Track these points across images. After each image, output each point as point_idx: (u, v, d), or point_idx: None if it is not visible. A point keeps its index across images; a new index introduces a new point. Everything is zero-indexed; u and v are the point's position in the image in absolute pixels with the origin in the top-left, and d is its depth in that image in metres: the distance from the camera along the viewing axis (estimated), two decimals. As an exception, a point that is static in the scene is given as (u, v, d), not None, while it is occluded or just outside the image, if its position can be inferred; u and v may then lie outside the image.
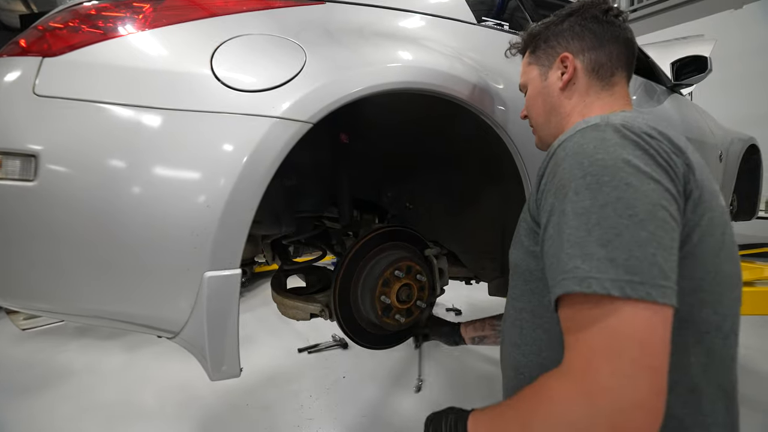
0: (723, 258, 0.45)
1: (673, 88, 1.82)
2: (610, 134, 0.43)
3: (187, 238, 0.58)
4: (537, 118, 0.69)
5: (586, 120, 0.48)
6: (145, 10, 0.68)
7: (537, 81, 0.68)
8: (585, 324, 0.39)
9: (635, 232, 0.38)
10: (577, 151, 0.44)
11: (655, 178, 0.40)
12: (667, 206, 0.40)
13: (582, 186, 0.41)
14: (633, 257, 0.37)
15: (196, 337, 0.61)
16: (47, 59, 0.60)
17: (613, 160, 0.41)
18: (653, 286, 0.37)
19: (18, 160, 0.58)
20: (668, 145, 0.44)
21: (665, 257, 0.38)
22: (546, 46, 0.67)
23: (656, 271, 0.37)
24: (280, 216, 0.95)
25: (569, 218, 0.41)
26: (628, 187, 0.39)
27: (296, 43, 0.70)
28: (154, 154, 0.59)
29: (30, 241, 0.59)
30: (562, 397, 0.39)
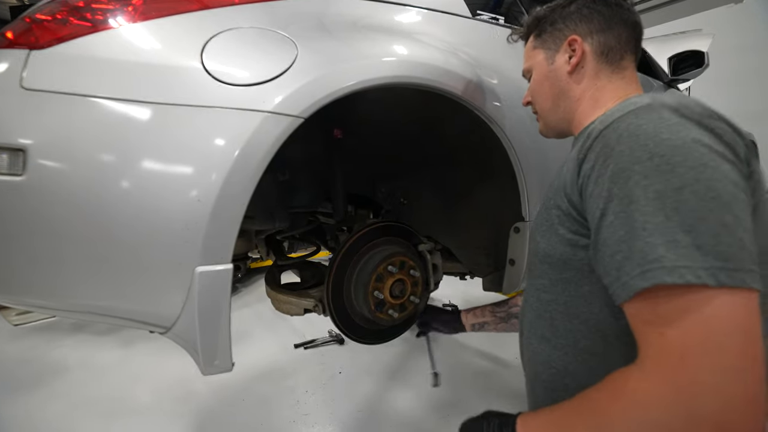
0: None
1: (670, 84, 1.82)
2: (668, 114, 0.40)
3: (179, 232, 0.58)
4: (543, 103, 0.66)
5: (633, 101, 0.44)
6: (135, 2, 0.67)
7: (543, 65, 0.66)
8: (673, 317, 0.36)
9: (720, 216, 0.35)
10: (635, 132, 0.40)
11: (729, 158, 0.38)
12: (745, 187, 0.38)
13: (651, 168, 0.38)
14: (722, 243, 0.35)
15: (187, 332, 0.61)
16: (34, 52, 0.59)
17: (682, 140, 0.38)
18: (746, 271, 0.35)
19: (5, 154, 0.57)
20: (728, 126, 0.41)
21: (751, 240, 0.36)
22: (552, 29, 0.64)
23: (746, 255, 0.35)
24: (274, 211, 0.95)
25: (640, 204, 0.38)
26: (706, 168, 0.36)
27: (288, 37, 0.69)
28: (144, 148, 0.58)
29: (19, 236, 0.58)
30: (649, 397, 0.36)
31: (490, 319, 0.98)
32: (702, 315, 0.34)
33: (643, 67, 1.72)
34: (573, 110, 0.63)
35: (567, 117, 0.64)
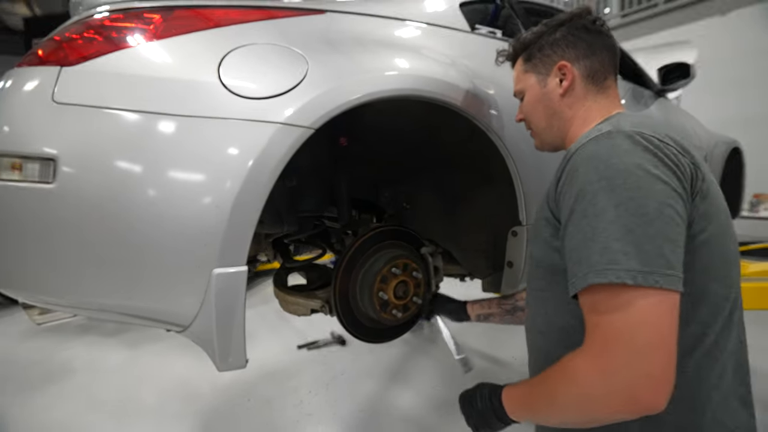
0: (727, 239, 0.52)
1: (660, 93, 1.89)
2: (621, 140, 0.49)
3: (197, 237, 0.62)
4: (538, 123, 0.72)
5: (599, 128, 0.54)
6: (155, 21, 0.72)
7: (536, 88, 0.71)
8: (603, 310, 0.44)
9: (645, 229, 0.43)
10: (592, 156, 0.49)
11: (664, 179, 0.46)
12: (674, 205, 0.45)
13: (599, 188, 0.47)
14: (643, 251, 0.43)
15: (204, 331, 0.65)
16: (65, 68, 0.63)
17: (625, 164, 0.46)
18: (661, 275, 0.42)
19: (37, 163, 0.61)
20: (675, 147, 0.49)
21: (671, 249, 0.44)
22: (541, 54, 0.70)
23: (663, 261, 0.43)
24: (283, 215, 0.99)
25: (589, 218, 0.47)
26: (639, 189, 0.45)
27: (299, 53, 0.74)
28: (166, 157, 0.63)
29: (49, 239, 0.62)
30: (582, 373, 0.45)
31: (497, 310, 1.01)
32: (622, 309, 0.43)
33: (634, 78, 1.79)
34: (566, 128, 0.69)
35: (560, 135, 0.70)
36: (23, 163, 0.62)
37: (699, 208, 0.49)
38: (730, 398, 0.52)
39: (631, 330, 0.42)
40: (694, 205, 0.48)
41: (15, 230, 0.63)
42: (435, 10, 1.07)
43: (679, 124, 1.95)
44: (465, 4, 1.16)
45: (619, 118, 0.57)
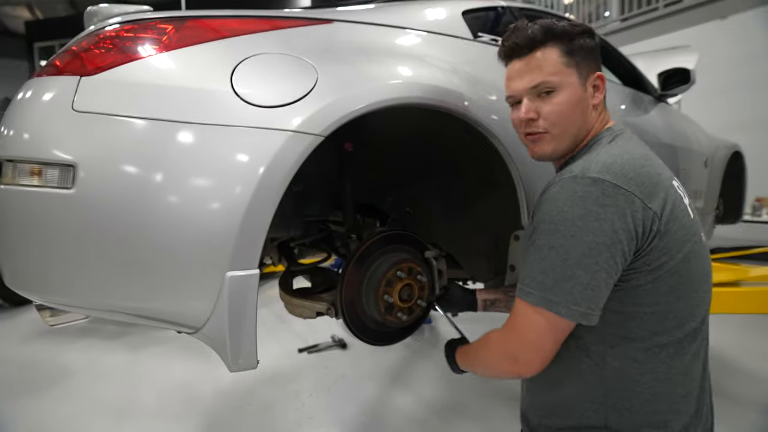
0: (693, 262, 0.61)
1: (660, 98, 1.91)
2: (580, 187, 0.57)
3: (211, 241, 0.64)
4: (569, 128, 0.66)
5: (570, 168, 0.61)
6: (169, 32, 0.74)
7: (576, 89, 0.66)
8: (518, 311, 0.63)
9: (563, 272, 0.57)
10: (553, 199, 0.60)
11: (596, 232, 0.56)
12: (597, 256, 0.56)
13: (546, 230, 0.59)
14: (557, 286, 0.58)
15: (217, 333, 0.67)
16: (84, 78, 0.66)
17: (571, 214, 0.57)
18: (563, 306, 0.57)
19: (57, 169, 0.63)
20: (635, 194, 0.56)
21: (582, 291, 0.57)
22: (584, 53, 0.66)
23: (569, 298, 0.57)
24: (289, 220, 1.01)
25: (534, 248, 0.61)
26: (573, 239, 0.57)
27: (309, 62, 0.76)
28: (181, 164, 0.65)
29: (66, 243, 0.64)
30: (493, 342, 0.69)
31: (503, 296, 1.03)
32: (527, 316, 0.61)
33: (634, 83, 1.81)
34: (584, 138, 0.69)
35: (579, 142, 0.68)
36: (43, 168, 0.64)
37: (657, 247, 0.58)
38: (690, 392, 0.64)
39: (525, 331, 0.61)
40: (651, 245, 0.57)
41: (34, 234, 0.65)
42: (438, 19, 1.10)
43: (680, 129, 1.97)
44: (467, 12, 1.19)
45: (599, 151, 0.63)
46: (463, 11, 1.17)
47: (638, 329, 0.61)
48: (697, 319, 0.63)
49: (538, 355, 0.61)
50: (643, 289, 0.59)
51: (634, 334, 0.62)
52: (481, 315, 1.08)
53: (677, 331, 0.61)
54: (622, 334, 0.62)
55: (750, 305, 1.79)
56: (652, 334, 0.61)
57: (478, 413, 1.79)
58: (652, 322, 0.61)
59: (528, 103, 0.67)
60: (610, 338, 0.62)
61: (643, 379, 0.62)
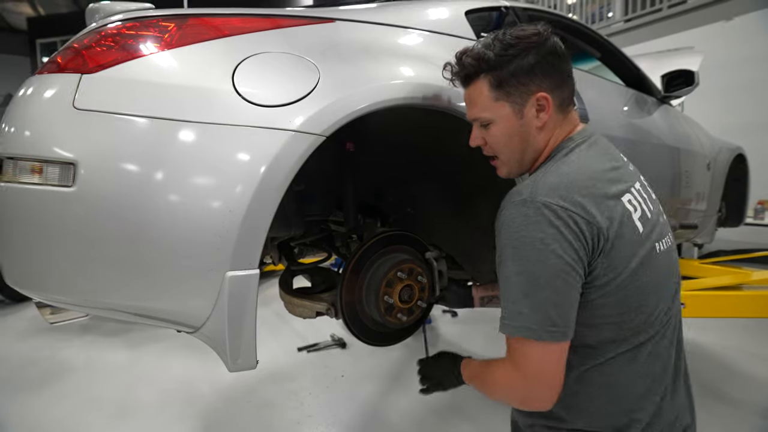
0: (642, 275, 0.62)
1: (663, 100, 1.90)
2: (532, 212, 0.59)
3: (211, 240, 0.64)
4: (512, 155, 0.70)
5: (519, 190, 0.62)
6: (171, 29, 0.74)
7: (512, 119, 0.67)
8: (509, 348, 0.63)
9: (536, 295, 0.58)
10: (508, 224, 0.61)
11: (559, 253, 0.57)
12: (564, 276, 0.57)
13: (509, 255, 0.60)
14: (532, 313, 0.58)
15: (216, 332, 0.67)
16: (85, 76, 0.66)
17: (530, 238, 0.58)
18: (544, 332, 0.58)
19: (57, 167, 0.63)
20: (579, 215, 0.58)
21: (557, 311, 0.58)
22: (516, 81, 0.65)
23: (548, 321, 0.58)
24: (290, 219, 1.01)
25: (501, 279, 0.62)
26: (537, 262, 0.58)
27: (310, 61, 0.76)
28: (182, 162, 0.64)
29: (67, 241, 0.64)
30: (501, 380, 0.66)
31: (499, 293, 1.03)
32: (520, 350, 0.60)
33: (637, 85, 1.80)
34: (536, 158, 0.70)
35: (529, 164, 0.71)
36: (44, 166, 0.64)
37: (602, 264, 0.60)
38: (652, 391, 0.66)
39: (523, 367, 0.60)
40: (598, 262, 0.59)
41: (35, 232, 0.65)
42: (441, 19, 1.09)
43: (682, 131, 1.96)
44: (471, 12, 1.18)
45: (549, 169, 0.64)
46: (466, 11, 1.16)
47: (595, 337, 0.64)
48: (655, 325, 0.64)
49: (545, 385, 0.60)
50: (593, 303, 0.61)
51: (590, 343, 0.64)
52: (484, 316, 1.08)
53: (633, 338, 0.63)
54: (578, 344, 0.64)
55: (752, 309, 1.78)
56: (609, 341, 0.64)
57: (476, 413, 1.79)
58: (608, 332, 0.63)
59: (474, 131, 0.73)
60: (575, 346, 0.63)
61: (600, 381, 0.65)
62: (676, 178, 1.82)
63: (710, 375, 2.05)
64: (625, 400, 0.65)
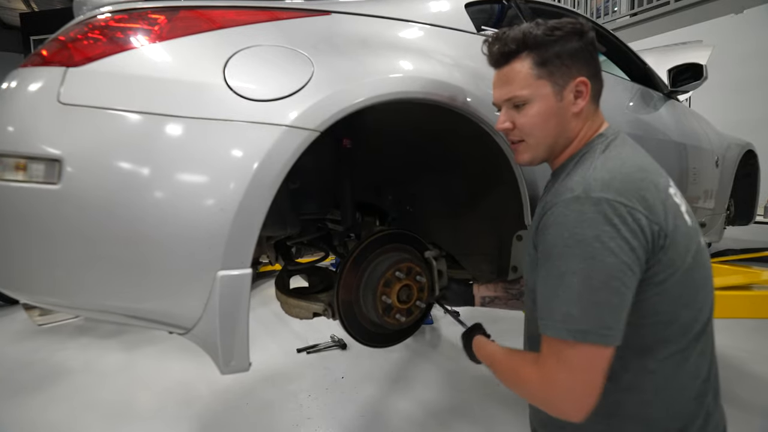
0: (695, 269, 0.60)
1: (670, 95, 1.86)
2: (588, 207, 0.55)
3: (202, 239, 0.61)
4: (545, 138, 0.66)
5: (571, 187, 0.59)
6: (160, 22, 0.72)
7: (551, 100, 0.64)
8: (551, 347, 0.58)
9: (590, 297, 0.54)
10: (560, 222, 0.57)
11: (616, 252, 0.54)
12: (621, 277, 0.54)
13: (560, 254, 0.56)
14: (585, 315, 0.55)
15: (208, 334, 0.65)
16: (71, 69, 0.63)
17: (585, 236, 0.55)
18: (596, 334, 0.54)
19: (42, 164, 0.61)
20: (639, 210, 0.55)
21: (610, 314, 0.55)
22: (560, 62, 0.63)
23: (601, 324, 0.54)
24: (286, 218, 0.99)
25: (552, 278, 0.58)
26: (593, 260, 0.54)
27: (304, 54, 0.74)
28: (171, 159, 0.62)
29: (53, 241, 0.62)
30: (532, 381, 0.61)
31: (502, 294, 1.00)
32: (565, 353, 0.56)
33: (643, 79, 1.76)
34: (566, 146, 0.68)
35: (558, 151, 0.68)
36: (28, 163, 0.62)
37: (662, 260, 0.57)
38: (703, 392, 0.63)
39: (566, 370, 0.56)
40: (657, 259, 0.57)
41: (19, 231, 0.63)
42: (440, 11, 1.07)
43: (690, 127, 1.92)
44: (471, 4, 1.15)
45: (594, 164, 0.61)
46: (467, 3, 1.13)
47: (644, 339, 0.60)
48: (701, 322, 0.62)
49: (587, 394, 0.56)
50: (649, 302, 0.58)
51: (642, 344, 0.60)
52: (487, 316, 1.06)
53: (682, 337, 0.61)
54: (629, 345, 0.60)
55: (762, 310, 1.73)
56: (660, 341, 0.60)
57: (477, 416, 1.76)
58: (658, 330, 0.60)
59: (503, 114, 0.69)
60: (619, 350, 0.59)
61: (655, 385, 0.61)
62: (684, 175, 1.78)
63: (719, 376, 2.00)
64: (678, 404, 0.61)
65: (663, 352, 0.60)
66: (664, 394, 0.61)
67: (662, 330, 0.60)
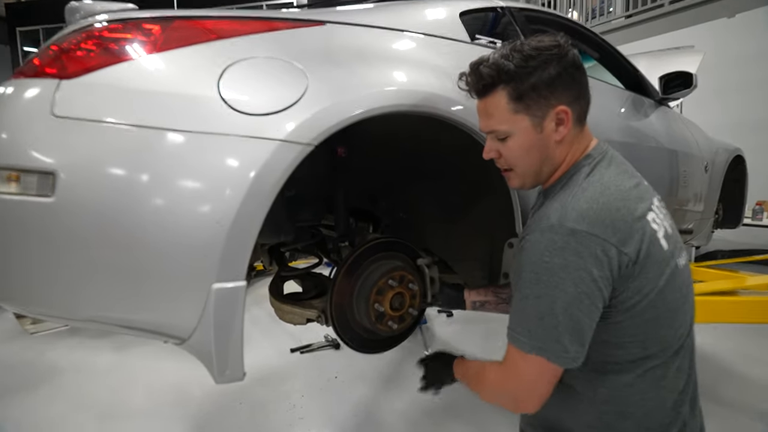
0: (668, 292, 0.62)
1: (661, 102, 1.88)
2: (559, 237, 0.59)
3: (197, 252, 0.62)
4: (529, 168, 0.68)
5: (548, 215, 0.62)
6: (155, 32, 0.72)
7: (530, 133, 0.65)
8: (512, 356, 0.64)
9: (550, 320, 0.59)
10: (534, 248, 0.62)
11: (577, 282, 0.58)
12: (580, 305, 0.58)
13: (529, 278, 0.61)
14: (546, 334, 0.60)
15: (203, 344, 0.66)
16: (64, 81, 0.63)
17: (552, 264, 0.59)
18: (552, 353, 0.60)
19: (35, 177, 0.61)
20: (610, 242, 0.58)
21: (569, 338, 0.59)
22: (536, 95, 0.63)
23: (557, 345, 0.59)
24: (280, 225, 0.99)
25: (520, 296, 0.63)
26: (555, 289, 0.58)
27: (299, 67, 0.74)
28: (165, 172, 0.63)
29: (45, 253, 0.62)
30: (492, 381, 0.70)
31: (492, 299, 1.02)
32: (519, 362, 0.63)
33: (635, 86, 1.78)
34: (553, 171, 0.69)
35: (546, 178, 0.71)
36: (21, 176, 0.62)
37: (631, 287, 0.60)
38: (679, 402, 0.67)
39: (520, 375, 0.63)
40: (626, 286, 0.60)
41: (13, 243, 0.63)
42: (435, 20, 1.07)
43: (680, 133, 1.95)
44: (465, 13, 1.16)
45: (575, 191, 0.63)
46: (461, 12, 1.14)
47: (622, 356, 0.63)
48: (681, 338, 0.66)
49: (534, 396, 0.63)
50: (621, 325, 0.62)
51: (620, 361, 0.64)
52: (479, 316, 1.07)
53: (661, 354, 0.64)
54: (608, 362, 0.64)
55: (747, 315, 1.77)
56: (638, 359, 0.63)
57: (470, 415, 1.79)
58: (635, 350, 0.63)
59: (488, 144, 0.71)
60: (598, 365, 0.64)
61: (633, 399, 0.64)
62: (674, 181, 1.81)
63: (704, 376, 2.06)
64: (658, 414, 0.65)
65: (641, 368, 0.63)
66: (642, 406, 0.64)
67: (641, 349, 0.63)
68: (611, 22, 6.08)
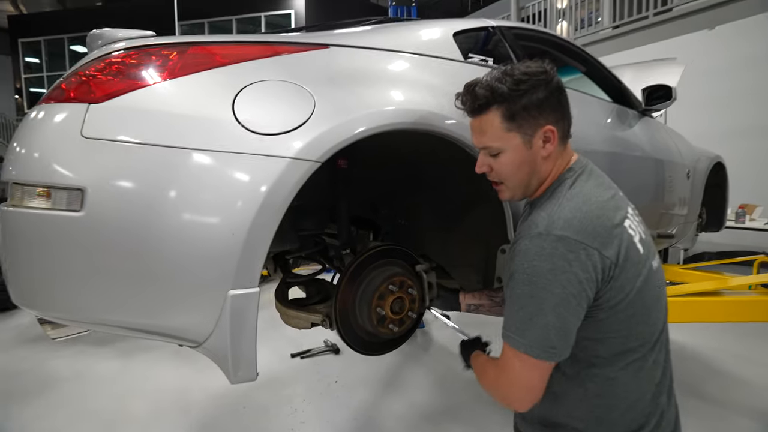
0: (645, 291, 0.69)
1: (644, 112, 1.98)
2: (547, 244, 0.65)
3: (215, 261, 0.68)
4: (519, 182, 0.74)
5: (536, 223, 0.69)
6: (173, 58, 0.78)
7: (521, 150, 0.71)
8: (505, 354, 0.70)
9: (540, 319, 0.65)
10: (524, 254, 0.67)
11: (564, 284, 0.64)
12: (567, 305, 0.64)
13: (521, 279, 0.67)
14: (535, 333, 0.65)
15: (219, 347, 0.71)
16: (93, 105, 0.69)
17: (541, 268, 0.65)
18: (541, 350, 0.65)
19: (65, 192, 0.67)
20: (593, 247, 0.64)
21: (556, 335, 0.65)
22: (527, 115, 0.69)
23: (546, 342, 0.65)
24: (285, 234, 1.05)
25: (512, 298, 0.68)
26: (544, 290, 0.64)
27: (306, 90, 0.80)
28: (185, 188, 0.68)
29: (74, 263, 0.67)
30: (489, 376, 0.77)
31: (487, 302, 1.08)
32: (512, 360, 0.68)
33: (619, 98, 1.88)
34: (540, 184, 0.76)
35: (534, 189, 0.77)
36: (52, 192, 0.67)
37: (613, 287, 0.67)
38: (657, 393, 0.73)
39: (512, 372, 0.69)
40: (609, 287, 0.66)
41: (43, 254, 0.68)
42: (430, 41, 1.14)
43: (663, 143, 2.04)
44: (458, 33, 1.23)
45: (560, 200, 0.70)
46: (455, 32, 1.21)
47: (605, 351, 0.70)
48: (656, 333, 0.73)
49: (527, 393, 0.69)
50: (604, 322, 0.69)
51: (604, 355, 0.70)
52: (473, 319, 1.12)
53: (640, 348, 0.71)
54: (593, 356, 0.70)
55: (730, 314, 1.86)
56: (619, 353, 0.70)
57: (470, 418, 1.83)
58: (617, 345, 0.70)
59: (481, 159, 0.77)
60: (583, 361, 0.71)
61: (617, 391, 0.71)
62: (658, 188, 1.90)
63: (691, 375, 2.13)
64: (640, 405, 0.71)
65: (623, 362, 0.70)
66: (626, 398, 0.71)
67: (621, 344, 0.70)
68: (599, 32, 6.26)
